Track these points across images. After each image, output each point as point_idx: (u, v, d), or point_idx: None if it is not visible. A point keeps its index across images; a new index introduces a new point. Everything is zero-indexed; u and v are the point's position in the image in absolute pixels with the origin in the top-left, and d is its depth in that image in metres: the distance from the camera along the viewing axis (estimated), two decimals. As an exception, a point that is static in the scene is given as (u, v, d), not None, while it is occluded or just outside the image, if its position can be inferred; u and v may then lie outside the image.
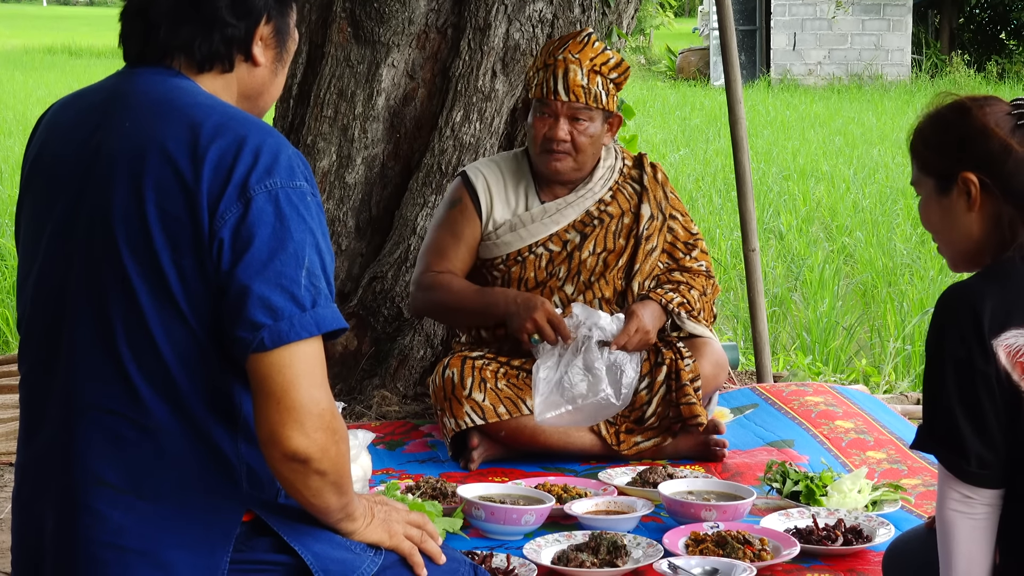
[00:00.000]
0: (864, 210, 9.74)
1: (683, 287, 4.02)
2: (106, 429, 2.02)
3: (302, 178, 2.03)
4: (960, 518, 2.19)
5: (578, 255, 4.00)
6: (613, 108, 3.99)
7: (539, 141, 3.95)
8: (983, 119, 2.26)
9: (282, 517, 2.09)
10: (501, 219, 4.02)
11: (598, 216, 4.03)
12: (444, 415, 3.86)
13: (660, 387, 3.91)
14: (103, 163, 2.05)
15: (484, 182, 4.04)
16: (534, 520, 3.25)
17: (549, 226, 4.01)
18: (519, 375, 3.92)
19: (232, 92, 2.17)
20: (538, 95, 3.94)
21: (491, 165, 4.10)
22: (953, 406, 2.17)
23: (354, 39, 4.63)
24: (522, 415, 3.85)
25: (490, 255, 4.03)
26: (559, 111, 3.91)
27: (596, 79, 3.92)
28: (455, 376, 3.85)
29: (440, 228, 4.05)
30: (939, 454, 2.21)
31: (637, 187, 4.09)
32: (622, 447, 3.89)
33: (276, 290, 1.95)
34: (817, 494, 3.40)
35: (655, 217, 4.06)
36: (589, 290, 4.00)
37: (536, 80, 3.96)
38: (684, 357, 3.92)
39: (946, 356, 2.17)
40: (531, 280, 4.00)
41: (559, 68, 3.91)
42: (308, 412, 1.95)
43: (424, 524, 2.25)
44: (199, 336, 2.00)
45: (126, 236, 2.00)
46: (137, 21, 2.15)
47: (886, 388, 5.41)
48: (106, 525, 2.01)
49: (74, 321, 2.04)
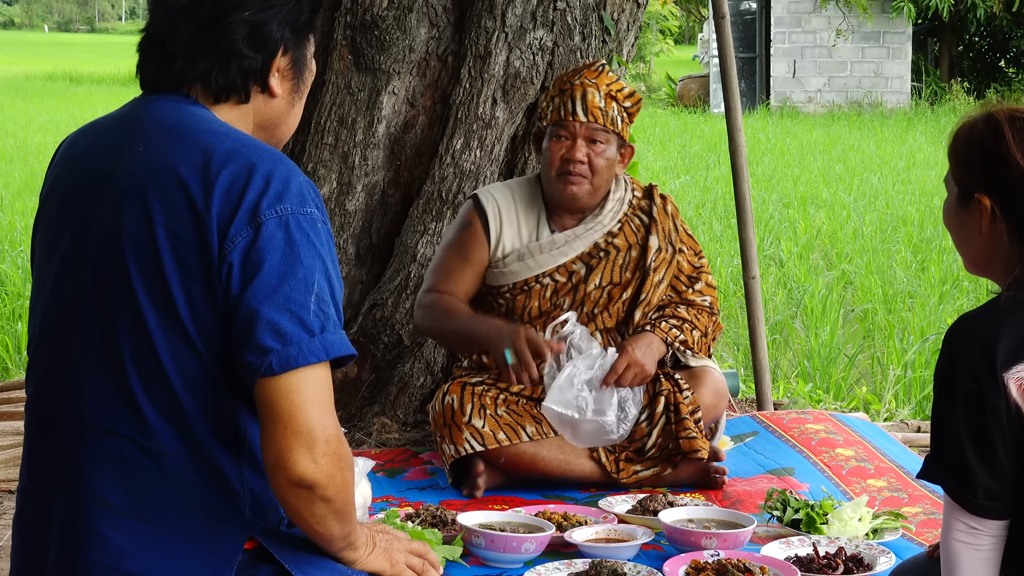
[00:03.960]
0: (864, 237, 9.76)
1: (686, 325, 3.99)
2: (112, 452, 2.03)
3: (312, 205, 2.05)
4: (965, 549, 2.18)
5: (583, 287, 4.00)
6: (626, 137, 4.01)
7: (556, 164, 3.94)
8: (1009, 143, 2.22)
9: (285, 545, 2.09)
10: (510, 247, 4.02)
11: (604, 248, 4.03)
12: (443, 442, 3.86)
13: (660, 418, 3.89)
14: (115, 187, 2.06)
15: (495, 207, 4.04)
16: (534, 548, 3.25)
17: (557, 257, 4.02)
18: (519, 402, 3.92)
19: (248, 122, 2.19)
20: (555, 119, 3.95)
21: (504, 190, 4.09)
22: (962, 438, 2.15)
23: (355, 67, 4.66)
24: (522, 442, 3.85)
25: (496, 283, 4.04)
26: (577, 132, 3.93)
27: (612, 104, 3.95)
28: (455, 403, 3.86)
29: (449, 250, 4.05)
30: (946, 485, 2.19)
31: (646, 219, 4.08)
32: (621, 475, 3.89)
33: (285, 315, 1.96)
34: (818, 522, 3.40)
35: (663, 249, 4.05)
36: (592, 322, 4.00)
37: (552, 106, 3.98)
38: (682, 390, 3.90)
39: (956, 388, 2.16)
40: (535, 310, 4.00)
41: (576, 91, 3.94)
42: (315, 437, 1.96)
43: (426, 553, 2.26)
44: (206, 360, 2.01)
45: (135, 259, 2.01)
46: (155, 51, 2.16)
47: (887, 416, 5.41)
48: (109, 548, 2.02)
49: (82, 343, 2.05)
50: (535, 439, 3.88)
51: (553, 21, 4.66)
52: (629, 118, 4.01)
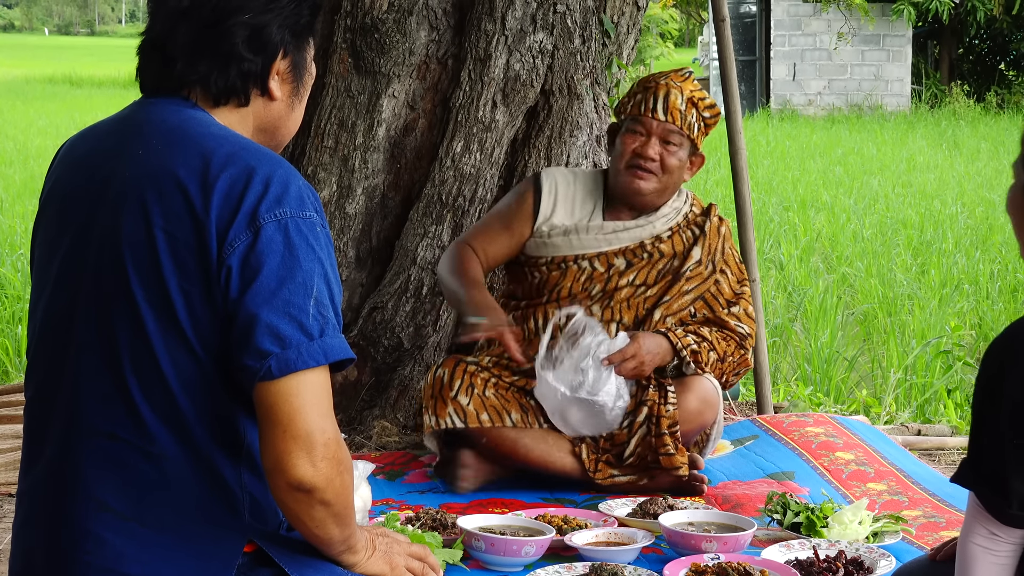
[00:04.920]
0: (864, 240, 9.76)
1: (705, 344, 3.97)
2: (109, 455, 2.03)
3: (312, 209, 2.05)
4: (984, 554, 2.17)
5: (616, 281, 4.01)
6: (699, 145, 4.02)
7: (627, 156, 3.97)
8: None
9: (284, 549, 2.09)
10: (559, 222, 4.05)
11: (649, 250, 4.04)
12: (427, 412, 3.87)
13: (640, 427, 3.88)
14: (114, 190, 2.07)
15: (553, 185, 4.08)
16: (534, 551, 3.25)
17: (601, 243, 4.03)
18: (509, 388, 3.92)
19: (248, 126, 2.19)
20: (634, 113, 3.98)
21: (568, 174, 4.14)
22: (1004, 447, 2.12)
23: (355, 70, 4.66)
24: (504, 426, 3.85)
25: (536, 253, 4.06)
26: (653, 130, 3.95)
27: (692, 109, 3.98)
28: (445, 376, 3.88)
29: (496, 213, 4.13)
30: (980, 492, 2.17)
31: (697, 232, 4.10)
32: (598, 476, 3.87)
33: (284, 318, 1.96)
34: (818, 525, 3.40)
35: (703, 263, 4.05)
36: (610, 310, 3.99)
37: (633, 101, 4.00)
38: (667, 403, 3.88)
39: (1004, 396, 2.11)
40: (565, 290, 4.01)
41: (660, 90, 3.97)
42: (314, 441, 1.96)
43: (426, 557, 2.26)
44: (205, 364, 2.01)
45: (134, 262, 2.02)
46: (154, 55, 2.17)
47: (887, 419, 5.41)
48: (107, 551, 2.01)
49: (81, 346, 2.05)
50: (518, 427, 3.87)
51: (553, 24, 4.66)
52: (706, 128, 4.03)
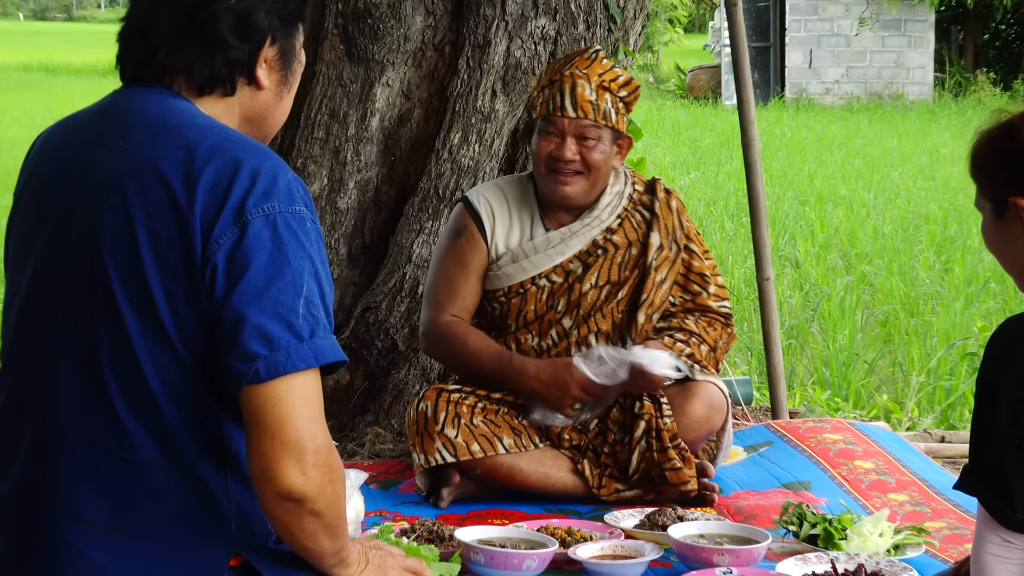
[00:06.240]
0: (885, 236, 9.77)
1: (694, 339, 3.98)
2: (89, 463, 2.03)
3: (301, 203, 2.05)
4: (998, 563, 2.18)
5: (579, 287, 3.99)
6: (623, 128, 3.99)
7: (544, 161, 3.93)
8: None
9: (272, 562, 2.09)
10: (503, 248, 4.02)
11: (603, 245, 4.01)
12: (414, 450, 3.87)
13: (639, 442, 3.88)
14: (93, 183, 2.07)
15: (488, 208, 4.03)
16: (536, 565, 3.25)
17: (553, 257, 4.01)
18: (499, 411, 3.91)
19: (234, 116, 2.19)
20: (543, 112, 3.94)
21: (494, 190, 4.09)
22: (1003, 448, 2.14)
23: (347, 57, 4.66)
24: (498, 454, 3.85)
25: (491, 287, 4.03)
26: (566, 129, 3.91)
27: (605, 96, 3.92)
28: (428, 410, 3.86)
29: (447, 261, 4.02)
30: (983, 498, 2.19)
31: (647, 214, 4.06)
32: (603, 491, 3.88)
33: (272, 319, 1.96)
34: (836, 537, 3.40)
35: (665, 247, 4.03)
36: (585, 324, 3.98)
37: (541, 98, 3.96)
38: (663, 415, 3.88)
39: (1000, 395, 2.15)
40: (530, 313, 3.99)
41: (566, 84, 3.91)
42: (304, 448, 1.96)
43: (422, 571, 2.26)
44: (188, 366, 2.01)
45: (115, 259, 2.02)
46: (136, 41, 2.17)
47: (909, 425, 5.41)
48: (87, 566, 2.01)
49: (58, 347, 2.05)
50: (512, 452, 3.87)
51: (556, 9, 4.67)
52: (625, 108, 3.99)
